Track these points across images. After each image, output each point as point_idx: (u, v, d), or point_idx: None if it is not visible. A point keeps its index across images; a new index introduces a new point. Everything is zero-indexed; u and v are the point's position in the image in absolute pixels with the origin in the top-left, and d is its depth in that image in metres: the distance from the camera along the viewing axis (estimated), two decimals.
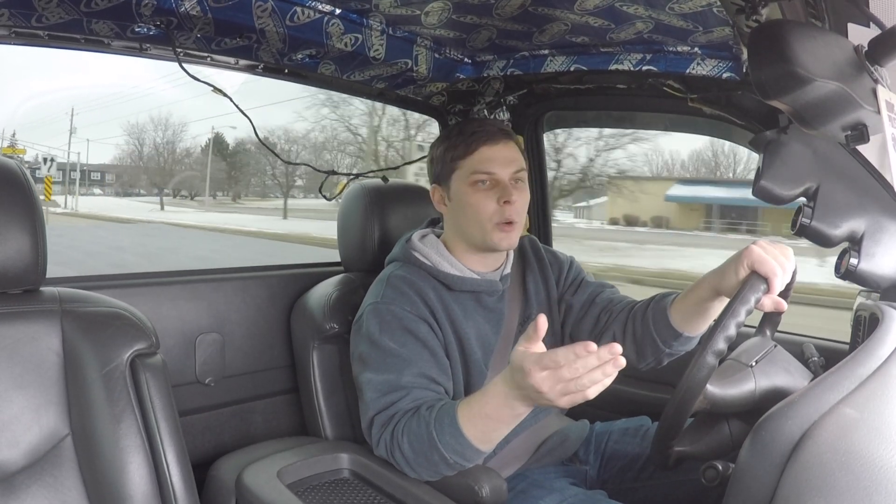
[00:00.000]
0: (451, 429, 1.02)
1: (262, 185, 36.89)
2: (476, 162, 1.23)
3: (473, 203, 1.22)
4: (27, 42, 1.24)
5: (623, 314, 1.27)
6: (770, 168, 1.12)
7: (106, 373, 0.95)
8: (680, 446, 0.97)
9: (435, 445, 1.03)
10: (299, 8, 1.35)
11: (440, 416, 1.04)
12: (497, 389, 0.98)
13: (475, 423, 1.01)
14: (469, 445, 1.02)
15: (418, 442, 1.06)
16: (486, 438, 1.03)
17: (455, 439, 1.02)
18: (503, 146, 1.24)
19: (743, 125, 1.42)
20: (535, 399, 0.92)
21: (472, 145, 1.23)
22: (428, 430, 1.04)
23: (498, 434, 1.03)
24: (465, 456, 1.04)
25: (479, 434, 1.02)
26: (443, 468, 1.06)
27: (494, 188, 1.22)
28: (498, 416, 1.00)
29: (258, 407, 1.53)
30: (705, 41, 1.33)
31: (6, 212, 0.92)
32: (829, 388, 0.73)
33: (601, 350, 0.85)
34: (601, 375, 0.86)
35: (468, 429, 1.01)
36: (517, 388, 0.93)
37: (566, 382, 0.86)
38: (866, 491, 0.56)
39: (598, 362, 0.85)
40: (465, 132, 1.25)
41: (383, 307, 1.19)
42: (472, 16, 1.41)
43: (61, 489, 0.94)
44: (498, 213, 1.21)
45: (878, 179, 1.13)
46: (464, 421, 1.02)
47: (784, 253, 1.01)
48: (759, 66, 0.83)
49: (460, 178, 1.24)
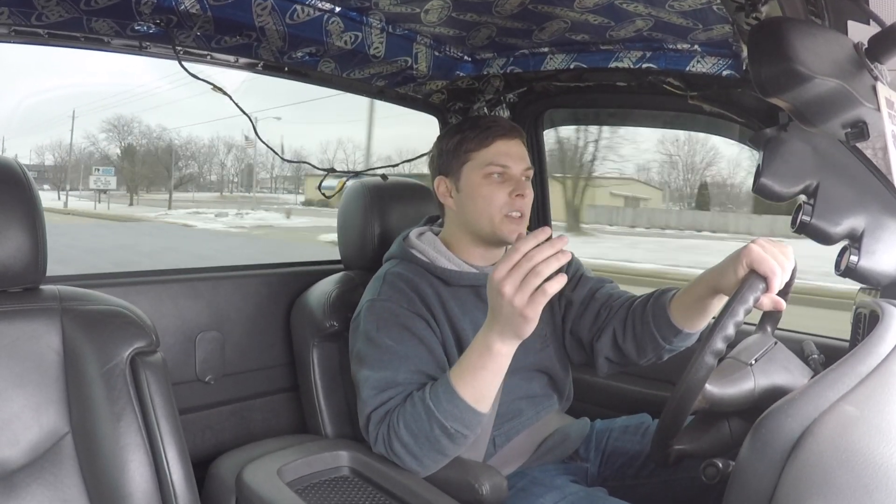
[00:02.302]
0: (446, 394, 1.04)
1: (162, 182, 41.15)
2: (492, 154, 1.23)
3: (486, 194, 1.23)
4: (27, 40, 1.23)
5: (623, 310, 1.27)
6: (770, 165, 1.12)
7: (106, 371, 0.95)
8: (680, 444, 0.97)
9: (433, 416, 1.04)
10: (299, 6, 1.35)
11: (434, 388, 1.07)
12: (477, 338, 1.04)
13: (465, 379, 1.04)
14: (466, 406, 1.04)
15: (415, 421, 1.06)
16: (479, 395, 1.05)
17: (451, 403, 1.04)
18: (516, 143, 1.26)
19: (743, 122, 1.42)
20: (509, 318, 0.96)
21: (489, 139, 1.24)
22: (424, 403, 1.06)
23: (489, 387, 1.05)
24: (464, 421, 1.05)
25: (472, 391, 1.04)
26: (444, 442, 1.06)
27: (507, 181, 1.23)
28: (483, 364, 1.03)
29: (258, 405, 1.53)
30: (705, 39, 1.33)
31: (6, 210, 0.92)
32: (829, 386, 0.73)
33: (544, 238, 0.93)
34: (556, 264, 0.92)
35: (461, 388, 1.04)
36: (493, 316, 0.99)
37: (527, 280, 0.92)
38: (866, 489, 0.56)
39: (551, 249, 0.92)
40: (481, 125, 1.26)
41: (380, 304, 1.19)
42: (472, 14, 1.41)
43: (61, 487, 0.94)
44: (508, 205, 1.22)
45: (878, 176, 1.13)
46: (455, 380, 1.05)
47: (783, 252, 1.00)
48: (758, 63, 0.83)
49: (473, 169, 1.25)
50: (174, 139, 39.38)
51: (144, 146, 39.44)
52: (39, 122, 56.23)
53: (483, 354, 1.02)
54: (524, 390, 1.30)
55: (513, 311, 0.94)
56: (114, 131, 40.25)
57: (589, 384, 1.68)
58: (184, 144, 41.69)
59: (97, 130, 35.86)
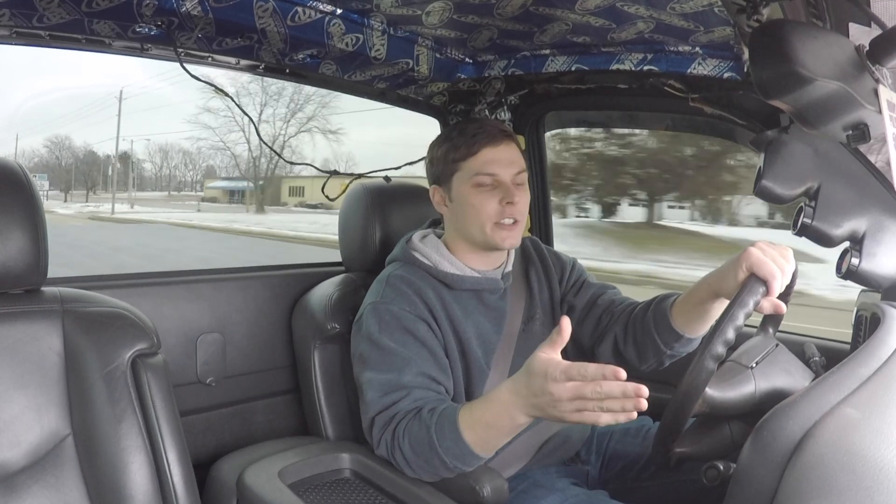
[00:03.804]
0: (451, 434, 1.02)
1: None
2: (479, 164, 1.22)
3: (476, 204, 1.22)
4: (28, 42, 1.24)
5: (624, 316, 1.27)
6: (771, 168, 1.12)
7: (107, 373, 0.95)
8: (681, 447, 0.97)
9: (435, 450, 1.03)
10: (300, 8, 1.35)
11: (441, 421, 1.04)
12: (501, 397, 0.98)
13: (475, 429, 1.01)
14: (469, 452, 1.02)
15: (419, 445, 1.06)
16: (485, 446, 1.03)
17: (455, 445, 1.02)
18: (505, 147, 1.24)
19: (744, 125, 1.42)
20: (545, 408, 0.91)
21: (475, 147, 1.22)
22: (429, 434, 1.04)
23: (497, 442, 1.03)
24: (465, 461, 1.04)
25: (479, 441, 1.02)
26: (442, 471, 1.06)
27: (497, 189, 1.22)
28: (498, 425, 1.00)
29: (259, 407, 1.52)
30: (706, 41, 1.33)
31: (7, 212, 0.92)
32: (830, 388, 0.73)
33: (630, 384, 0.84)
34: (619, 407, 0.85)
35: (468, 435, 1.01)
36: (530, 394, 0.92)
37: (585, 400, 0.86)
38: (867, 491, 0.56)
39: (621, 393, 0.84)
40: (467, 133, 1.24)
41: (382, 307, 1.19)
42: (473, 16, 1.41)
43: (62, 489, 0.94)
44: (499, 214, 1.21)
45: (879, 179, 1.13)
46: (464, 427, 1.02)
47: (783, 255, 1.00)
48: (760, 65, 0.83)
49: (462, 180, 1.24)
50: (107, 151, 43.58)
51: (68, 158, 44.35)
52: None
53: (502, 417, 0.99)
54: None
55: (557, 412, 0.90)
56: (52, 146, 45.04)
57: None
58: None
59: (40, 146, 40.24)
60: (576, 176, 14.91)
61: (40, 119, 58.66)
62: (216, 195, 36.37)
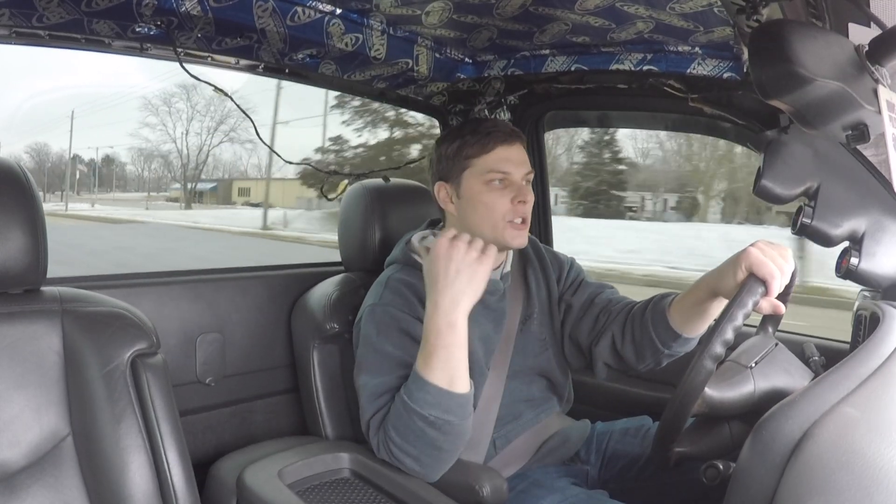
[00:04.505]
0: (415, 383, 1.06)
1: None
2: (492, 161, 1.23)
3: (487, 202, 1.22)
4: (28, 42, 1.24)
5: (622, 315, 1.27)
6: (771, 168, 1.12)
7: (107, 373, 0.95)
8: (680, 447, 0.97)
9: (409, 408, 1.05)
10: (300, 8, 1.35)
11: (407, 386, 1.07)
12: (427, 320, 1.08)
13: (431, 364, 1.05)
14: (438, 391, 1.04)
15: (398, 419, 1.06)
16: (450, 376, 1.06)
17: (423, 390, 1.05)
18: (517, 147, 1.25)
19: (744, 125, 1.42)
20: (454, 275, 1.06)
21: (489, 144, 1.23)
22: (401, 399, 1.07)
23: (456, 364, 1.06)
24: (442, 406, 1.05)
25: (441, 373, 1.05)
26: (431, 433, 1.05)
27: (508, 187, 1.22)
28: (442, 341, 1.05)
29: (259, 407, 1.53)
30: (706, 41, 1.33)
31: (7, 211, 0.92)
32: (829, 388, 0.73)
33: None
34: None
35: (428, 374, 1.05)
36: (434, 287, 1.07)
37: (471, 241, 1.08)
38: (867, 490, 0.56)
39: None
40: (481, 131, 1.24)
41: (380, 309, 1.19)
42: (473, 16, 1.41)
43: (62, 489, 0.94)
44: (511, 212, 1.22)
45: (879, 179, 1.13)
46: (422, 369, 1.06)
47: (782, 255, 1.00)
48: (759, 65, 0.83)
49: (473, 176, 1.24)
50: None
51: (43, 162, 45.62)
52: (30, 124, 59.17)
53: (441, 332, 1.05)
54: (524, 393, 1.30)
55: (468, 265, 1.05)
56: (32, 153, 46.00)
57: (590, 386, 1.68)
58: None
59: (22, 152, 42.00)
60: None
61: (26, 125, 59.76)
62: (178, 195, 37.61)
